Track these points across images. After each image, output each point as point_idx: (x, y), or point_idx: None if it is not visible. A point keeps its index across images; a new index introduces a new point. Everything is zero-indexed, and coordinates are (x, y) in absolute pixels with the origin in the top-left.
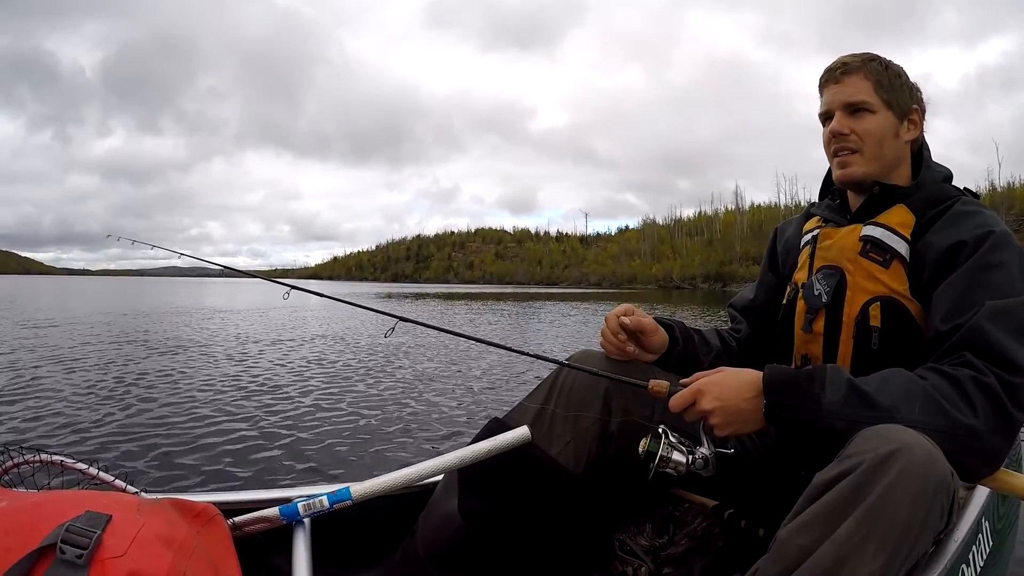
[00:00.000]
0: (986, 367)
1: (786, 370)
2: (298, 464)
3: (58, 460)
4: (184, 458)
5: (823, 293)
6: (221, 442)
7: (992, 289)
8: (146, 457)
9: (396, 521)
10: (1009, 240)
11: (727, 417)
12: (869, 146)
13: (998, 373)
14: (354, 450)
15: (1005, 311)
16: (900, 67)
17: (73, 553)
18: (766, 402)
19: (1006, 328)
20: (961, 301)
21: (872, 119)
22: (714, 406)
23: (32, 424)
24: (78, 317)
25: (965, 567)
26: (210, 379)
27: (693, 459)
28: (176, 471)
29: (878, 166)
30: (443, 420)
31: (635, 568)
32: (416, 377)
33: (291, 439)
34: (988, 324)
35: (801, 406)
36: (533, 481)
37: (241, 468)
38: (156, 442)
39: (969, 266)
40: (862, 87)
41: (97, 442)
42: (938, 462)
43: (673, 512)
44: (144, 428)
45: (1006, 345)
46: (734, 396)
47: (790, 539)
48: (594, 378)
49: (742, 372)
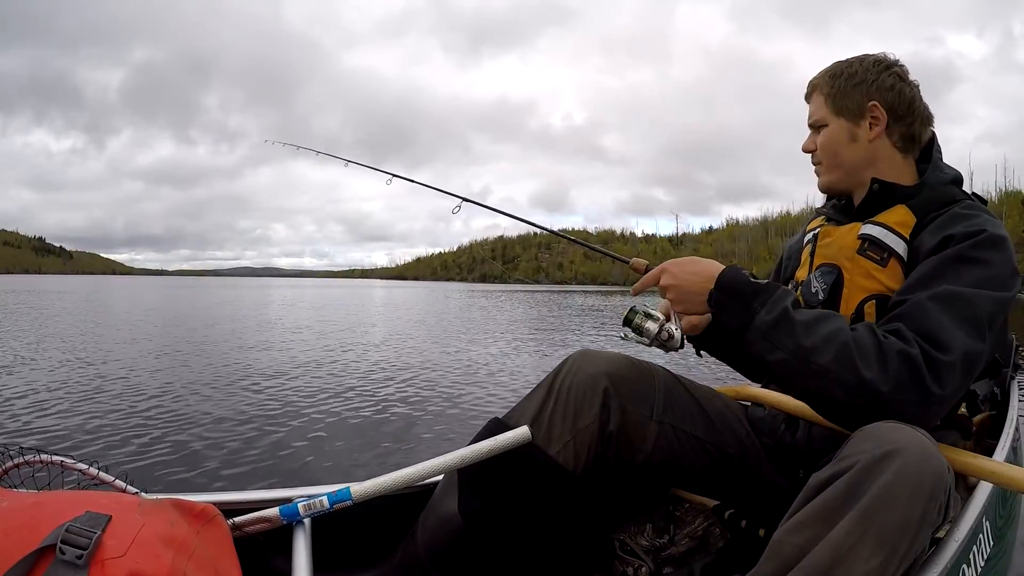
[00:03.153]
0: (915, 339)
1: (743, 276)
2: (298, 464)
3: (58, 460)
4: (184, 458)
5: (820, 290)
6: (221, 442)
7: (959, 279)
8: (146, 457)
9: (396, 521)
10: (1000, 244)
11: (679, 295)
12: (825, 158)
13: (925, 348)
14: (354, 450)
15: (956, 296)
16: (871, 63)
17: (73, 553)
18: (713, 295)
19: (950, 312)
20: (923, 279)
21: (825, 132)
22: (669, 283)
23: (32, 424)
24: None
25: (966, 567)
26: (210, 379)
27: (660, 329)
28: (176, 471)
29: (840, 174)
30: (443, 420)
31: (635, 568)
32: (416, 377)
33: (291, 439)
34: (932, 304)
35: (737, 313)
36: (533, 481)
37: (241, 468)
38: (156, 442)
39: (948, 253)
40: (819, 104)
41: (97, 442)
42: (934, 459)
43: (673, 512)
44: (144, 428)
45: (943, 326)
46: (690, 279)
47: (786, 539)
48: (593, 378)
49: (703, 262)
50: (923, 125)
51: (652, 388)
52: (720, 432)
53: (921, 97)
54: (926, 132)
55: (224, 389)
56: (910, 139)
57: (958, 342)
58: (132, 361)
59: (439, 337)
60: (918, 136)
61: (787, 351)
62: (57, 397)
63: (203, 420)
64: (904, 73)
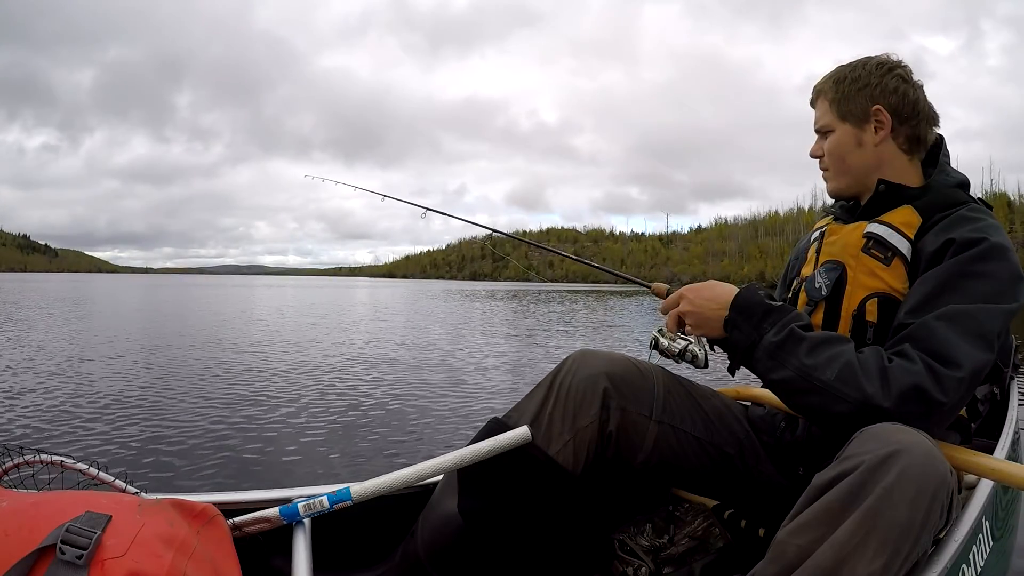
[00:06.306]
0: (920, 357)
1: (756, 297)
2: (298, 464)
3: (58, 460)
4: (184, 458)
5: (823, 286)
6: (221, 442)
7: (964, 295)
8: (146, 457)
9: (396, 521)
10: (1001, 254)
11: (697, 320)
12: (832, 163)
13: (929, 363)
14: (354, 450)
15: (963, 314)
16: (874, 65)
17: (73, 553)
18: (727, 316)
19: (957, 330)
20: (928, 298)
21: (832, 138)
22: (688, 309)
23: (32, 424)
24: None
25: (966, 567)
26: (210, 379)
27: (684, 351)
28: (176, 471)
29: (848, 179)
30: (443, 420)
31: (635, 568)
32: (416, 377)
33: (291, 439)
34: (938, 323)
35: (747, 333)
36: (532, 481)
37: (241, 468)
38: (156, 442)
39: (950, 267)
40: (824, 110)
41: (97, 442)
42: (937, 461)
43: (673, 512)
44: (144, 428)
45: (951, 343)
46: (706, 304)
47: (788, 540)
48: (593, 377)
49: (720, 286)
50: (928, 126)
51: (652, 388)
52: (719, 432)
53: (926, 97)
54: (931, 133)
55: (224, 389)
56: (916, 141)
57: (967, 358)
58: (132, 361)
59: (439, 337)
60: (924, 137)
61: (792, 369)
62: (57, 397)
63: (203, 420)
64: (908, 74)
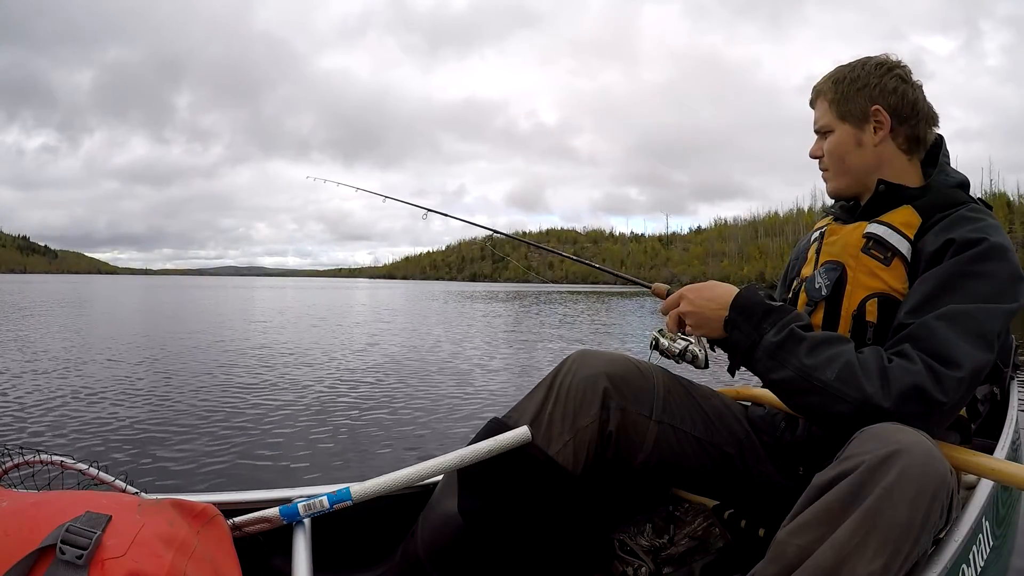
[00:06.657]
0: (919, 357)
1: (756, 297)
2: (298, 464)
3: (58, 460)
4: (184, 458)
5: (823, 286)
6: (221, 442)
7: (963, 295)
8: (146, 457)
9: (396, 521)
10: (1001, 254)
11: (697, 320)
12: (832, 164)
13: (929, 363)
14: (354, 450)
15: (963, 314)
16: (873, 66)
17: (73, 553)
18: (727, 316)
19: (957, 330)
20: (928, 299)
21: (832, 138)
22: (688, 309)
23: (32, 425)
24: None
25: (966, 567)
26: (210, 379)
27: (684, 351)
28: (176, 471)
29: (848, 179)
30: (443, 420)
31: (635, 568)
32: (416, 377)
33: (291, 439)
34: (938, 323)
35: (747, 333)
36: (532, 481)
37: (241, 468)
38: (156, 442)
39: (949, 267)
40: (824, 111)
41: (98, 442)
42: (937, 462)
43: (673, 512)
44: (144, 428)
45: (951, 343)
46: (707, 304)
47: (788, 540)
48: (593, 377)
49: (720, 287)
50: (928, 126)
51: (652, 388)
52: (719, 432)
53: (925, 97)
54: (931, 133)
55: (224, 389)
56: (915, 141)
57: (967, 358)
58: (132, 361)
59: (439, 337)
60: (923, 137)
61: (792, 369)
62: (57, 398)
63: (203, 420)
64: (907, 74)
